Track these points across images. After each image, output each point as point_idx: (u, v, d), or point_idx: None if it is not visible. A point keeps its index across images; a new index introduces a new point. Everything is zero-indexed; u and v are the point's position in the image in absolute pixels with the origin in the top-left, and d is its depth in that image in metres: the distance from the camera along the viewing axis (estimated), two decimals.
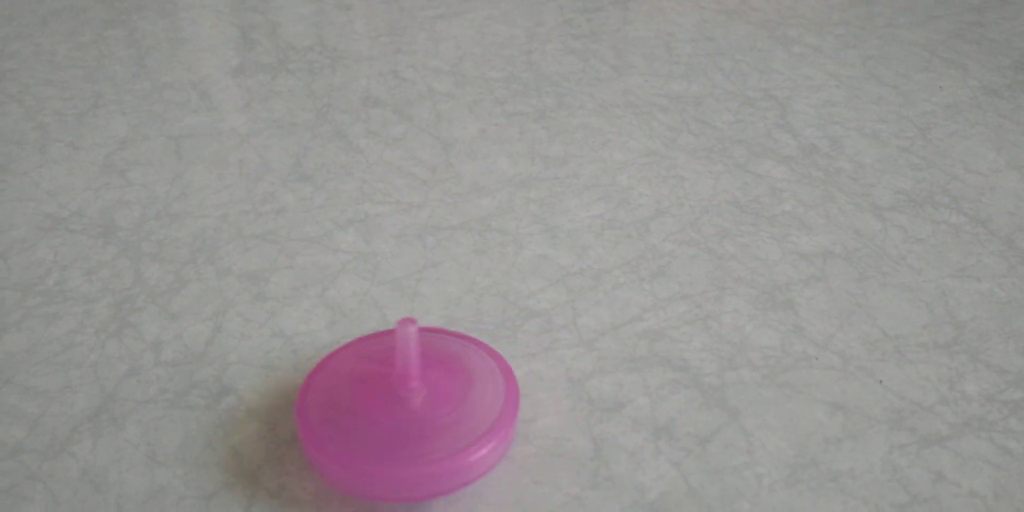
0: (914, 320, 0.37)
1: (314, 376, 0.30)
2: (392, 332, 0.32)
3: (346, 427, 0.27)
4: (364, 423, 0.27)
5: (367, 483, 0.26)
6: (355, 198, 0.44)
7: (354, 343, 0.31)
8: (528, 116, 0.51)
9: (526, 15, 0.66)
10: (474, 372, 0.30)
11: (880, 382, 0.34)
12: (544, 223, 0.42)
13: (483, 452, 0.27)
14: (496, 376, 0.30)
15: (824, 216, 0.43)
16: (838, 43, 0.62)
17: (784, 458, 0.30)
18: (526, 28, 0.63)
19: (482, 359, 0.31)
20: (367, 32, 0.62)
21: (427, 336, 0.32)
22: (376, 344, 0.31)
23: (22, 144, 0.47)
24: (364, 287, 0.38)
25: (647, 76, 0.57)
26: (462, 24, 0.64)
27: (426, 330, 0.32)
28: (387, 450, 0.27)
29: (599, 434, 0.31)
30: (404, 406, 0.28)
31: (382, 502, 0.27)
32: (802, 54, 0.60)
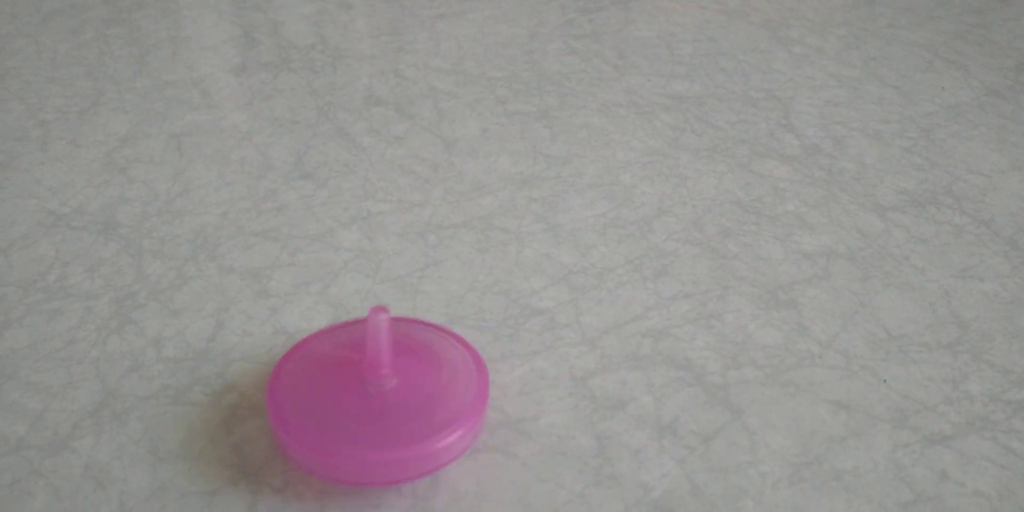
0: (917, 320, 0.37)
1: (287, 359, 0.30)
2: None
3: (315, 410, 0.28)
4: (333, 407, 0.28)
5: (332, 466, 0.27)
6: (357, 196, 0.43)
7: (328, 329, 0.32)
8: (530, 115, 0.51)
9: (527, 15, 0.66)
10: (445, 361, 0.30)
11: (884, 381, 0.34)
12: (546, 222, 0.42)
13: (450, 440, 0.27)
14: (468, 365, 0.30)
15: (827, 216, 0.43)
16: (840, 44, 0.63)
17: (788, 456, 0.30)
18: (528, 28, 0.63)
19: (454, 348, 0.31)
20: (369, 31, 0.62)
21: (400, 325, 0.32)
22: (350, 331, 0.32)
23: (24, 141, 0.47)
24: (366, 285, 0.38)
25: (649, 76, 0.57)
26: (463, 23, 0.64)
27: (399, 319, 0.33)
28: (354, 434, 0.27)
29: (602, 432, 0.31)
30: (373, 392, 0.28)
31: (347, 485, 0.27)
32: (804, 55, 0.61)
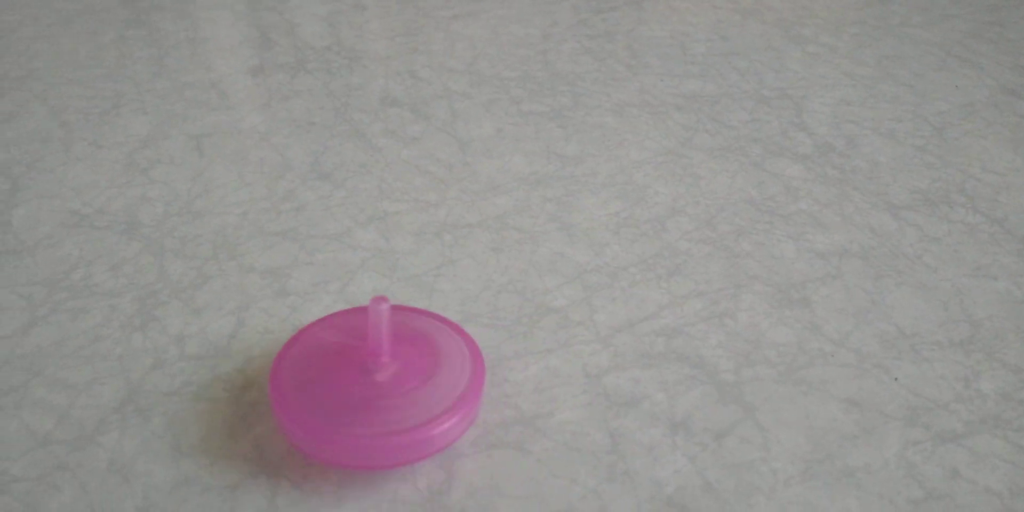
0: (930, 318, 0.37)
1: (290, 345, 0.31)
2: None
3: (316, 394, 0.29)
4: (333, 392, 0.29)
5: (331, 449, 0.28)
6: (374, 196, 0.44)
7: (331, 316, 0.33)
8: (544, 115, 0.52)
9: (541, 15, 0.66)
10: (442, 349, 0.31)
11: (895, 380, 0.34)
12: (560, 221, 0.43)
13: (446, 426, 0.28)
14: (464, 354, 0.31)
15: (840, 215, 0.44)
16: (853, 42, 0.63)
17: (800, 453, 0.31)
18: (541, 28, 0.64)
19: (451, 337, 0.32)
20: (384, 32, 0.62)
21: (400, 314, 0.33)
22: (352, 318, 0.33)
23: (47, 142, 0.48)
24: (383, 284, 0.38)
25: (662, 75, 0.57)
26: (477, 24, 0.64)
27: (399, 308, 0.34)
28: (353, 419, 0.28)
29: (616, 429, 0.31)
30: (373, 378, 0.29)
31: (345, 468, 0.28)
32: (817, 53, 0.61)
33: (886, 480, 0.30)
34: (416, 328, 0.32)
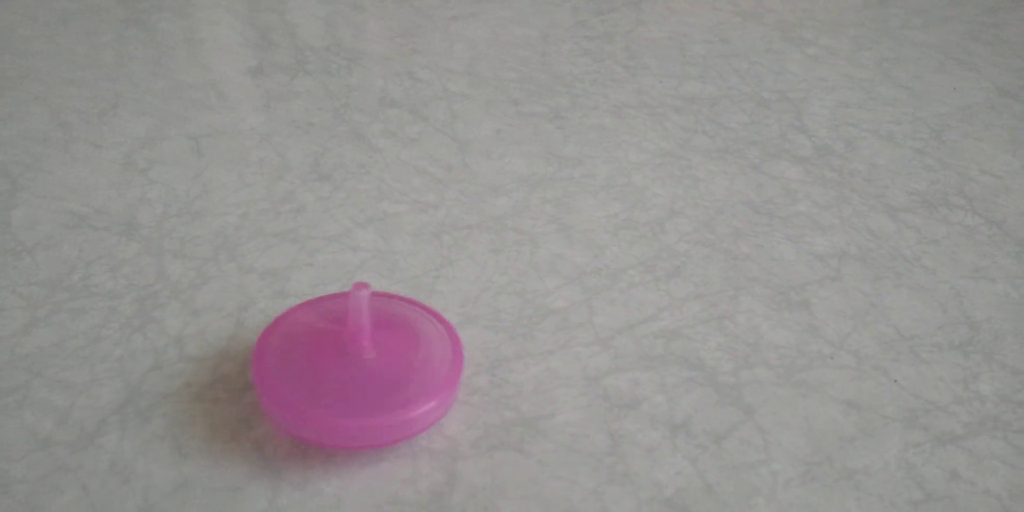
0: (929, 320, 0.37)
1: (274, 327, 0.32)
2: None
3: (297, 376, 0.30)
4: (314, 375, 0.30)
5: (312, 429, 0.28)
6: (373, 197, 0.44)
7: (315, 300, 0.34)
8: (543, 116, 0.52)
9: (540, 16, 0.66)
10: (422, 335, 0.32)
11: (895, 381, 0.34)
12: (559, 222, 0.43)
13: (424, 409, 0.29)
14: (443, 340, 0.32)
15: (838, 217, 0.44)
16: (853, 45, 0.63)
17: (799, 455, 0.31)
18: (540, 29, 0.64)
19: (431, 324, 0.33)
20: (383, 33, 0.62)
21: (381, 300, 0.34)
22: (334, 303, 0.33)
23: (46, 143, 0.48)
24: (383, 284, 0.38)
25: (661, 77, 0.57)
26: (476, 25, 0.64)
27: (380, 295, 0.34)
28: (333, 401, 0.29)
29: (616, 430, 0.31)
30: (353, 362, 0.30)
31: (324, 447, 0.29)
32: (817, 56, 0.61)
33: (886, 482, 0.30)
34: (396, 314, 0.33)
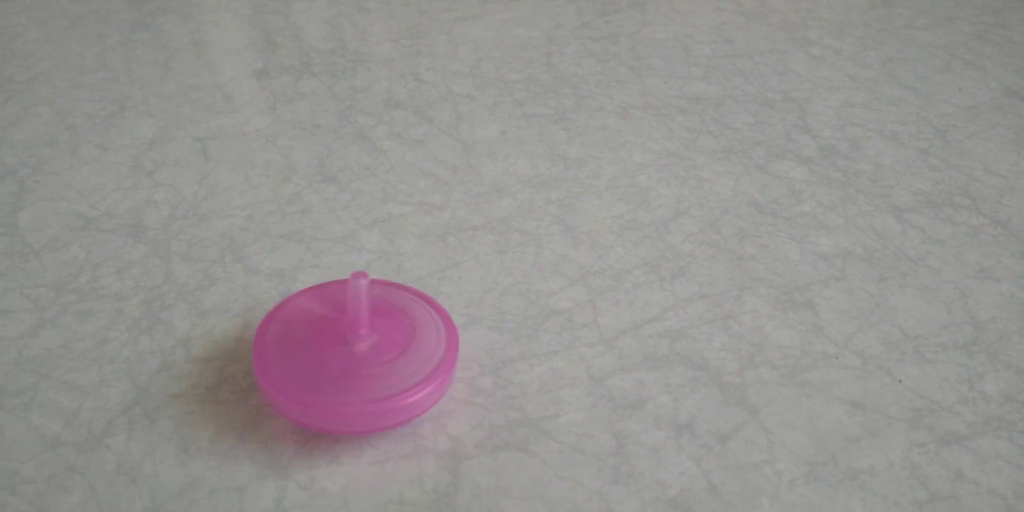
0: (933, 320, 0.37)
1: (274, 313, 0.33)
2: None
3: (296, 361, 0.30)
4: (313, 360, 0.30)
5: (310, 414, 0.29)
6: (378, 198, 0.44)
7: (315, 287, 0.34)
8: (547, 117, 0.52)
9: (544, 17, 0.66)
10: (418, 323, 0.33)
11: (899, 381, 0.34)
12: (564, 223, 0.43)
13: (419, 395, 0.29)
14: (439, 328, 0.32)
15: (843, 217, 0.44)
16: (857, 45, 0.63)
17: (804, 455, 0.31)
18: (545, 30, 0.64)
19: (427, 312, 0.33)
20: (387, 35, 0.63)
21: (379, 288, 0.34)
22: (334, 291, 0.34)
23: (54, 145, 0.48)
24: None
25: (666, 78, 0.57)
26: (481, 27, 0.64)
27: (379, 283, 0.35)
28: (331, 387, 0.29)
29: (621, 431, 0.31)
30: (351, 349, 0.31)
31: (321, 432, 0.30)
32: (821, 56, 0.61)
33: (890, 482, 0.30)
34: (393, 301, 0.34)
